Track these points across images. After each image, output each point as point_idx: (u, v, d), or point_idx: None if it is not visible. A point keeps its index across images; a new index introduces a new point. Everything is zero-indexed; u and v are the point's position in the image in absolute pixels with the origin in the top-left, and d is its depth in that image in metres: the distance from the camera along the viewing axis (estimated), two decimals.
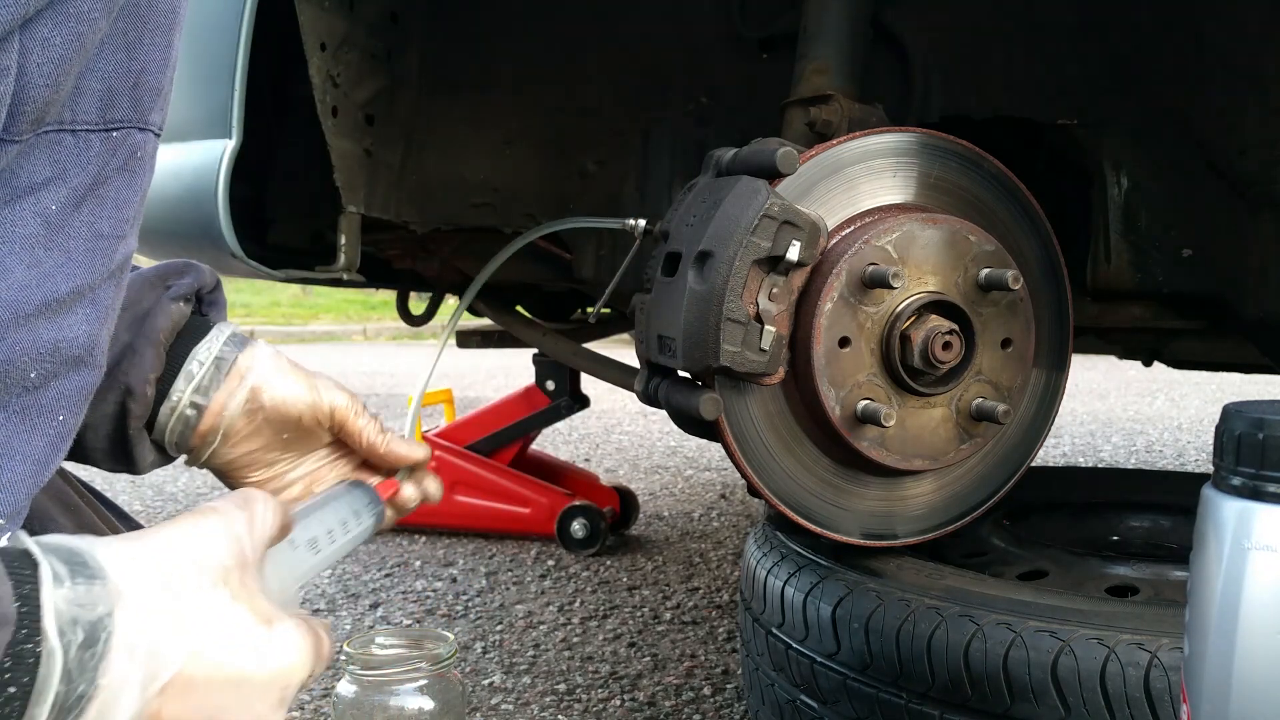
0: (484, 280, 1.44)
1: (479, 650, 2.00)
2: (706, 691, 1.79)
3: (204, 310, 0.86)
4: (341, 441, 0.90)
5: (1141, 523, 1.54)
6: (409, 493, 0.92)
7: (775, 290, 1.02)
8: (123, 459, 0.81)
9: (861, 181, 1.09)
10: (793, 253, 1.00)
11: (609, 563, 2.63)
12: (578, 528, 2.68)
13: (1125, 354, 1.95)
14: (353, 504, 0.86)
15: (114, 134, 0.60)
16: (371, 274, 2.01)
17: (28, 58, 0.53)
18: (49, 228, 0.58)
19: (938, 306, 1.06)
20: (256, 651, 0.60)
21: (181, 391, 0.80)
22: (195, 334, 0.83)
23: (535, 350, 2.60)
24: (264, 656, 0.61)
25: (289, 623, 0.63)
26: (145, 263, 0.85)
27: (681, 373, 1.09)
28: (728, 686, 1.81)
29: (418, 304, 2.45)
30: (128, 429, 0.79)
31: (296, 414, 0.84)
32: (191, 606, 0.58)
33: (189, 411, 0.81)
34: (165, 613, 0.56)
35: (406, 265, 2.00)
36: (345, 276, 1.46)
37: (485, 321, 2.44)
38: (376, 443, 0.89)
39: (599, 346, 2.18)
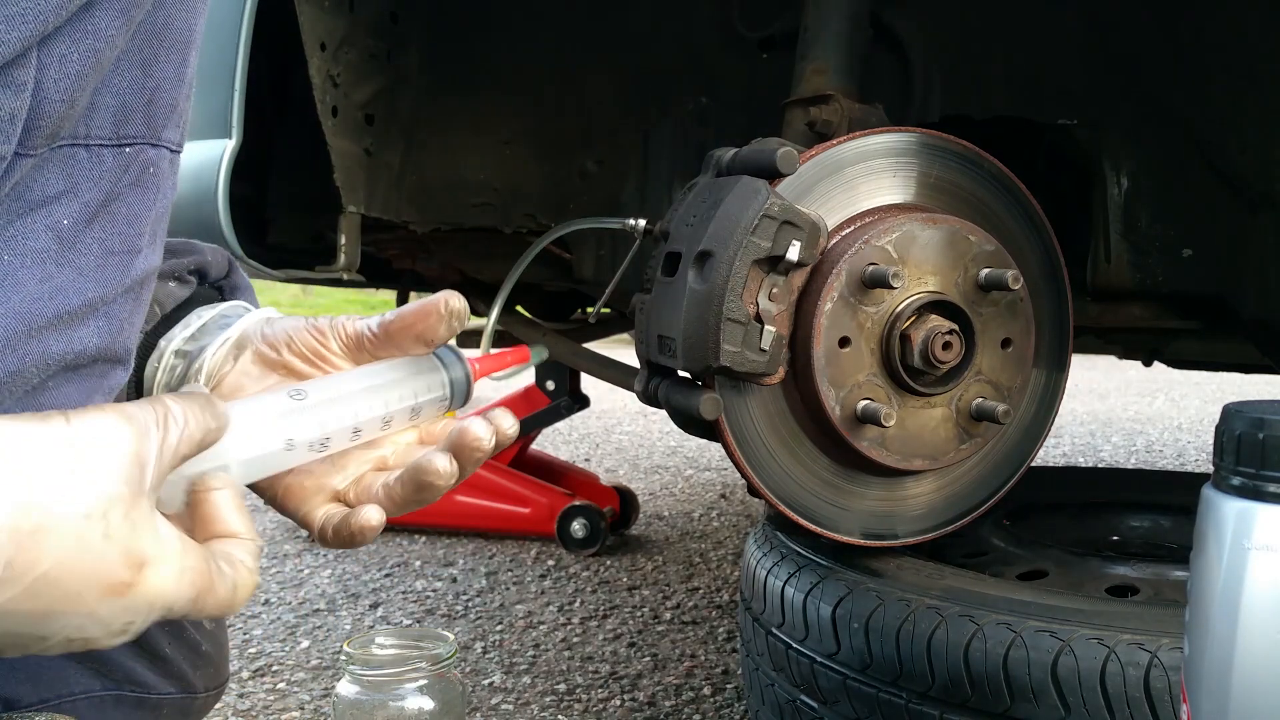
0: (507, 292, 1.44)
1: (479, 650, 2.00)
2: (706, 691, 1.79)
3: (226, 296, 0.84)
4: None
5: (1141, 523, 1.54)
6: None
7: (775, 290, 1.02)
8: None
9: (861, 181, 1.09)
10: (793, 253, 1.00)
11: (609, 563, 2.63)
12: (578, 528, 2.68)
13: (1125, 354, 1.95)
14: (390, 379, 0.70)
15: (127, 149, 0.60)
16: (371, 274, 2.01)
17: (45, 73, 0.53)
18: (60, 242, 0.58)
19: (938, 306, 1.06)
20: (110, 592, 0.53)
21: (167, 343, 0.75)
22: (197, 304, 0.79)
23: None
24: (116, 594, 0.53)
25: (166, 567, 0.55)
26: None
27: (681, 373, 1.08)
28: (728, 686, 1.81)
29: None
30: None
31: (284, 339, 0.74)
32: (51, 529, 0.50)
33: (174, 361, 0.76)
34: (14, 524, 0.49)
35: (406, 265, 2.00)
36: (345, 276, 1.46)
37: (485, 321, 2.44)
38: (383, 323, 0.73)
39: (599, 346, 2.18)
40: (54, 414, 0.53)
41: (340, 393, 0.70)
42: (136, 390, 0.77)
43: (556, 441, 4.40)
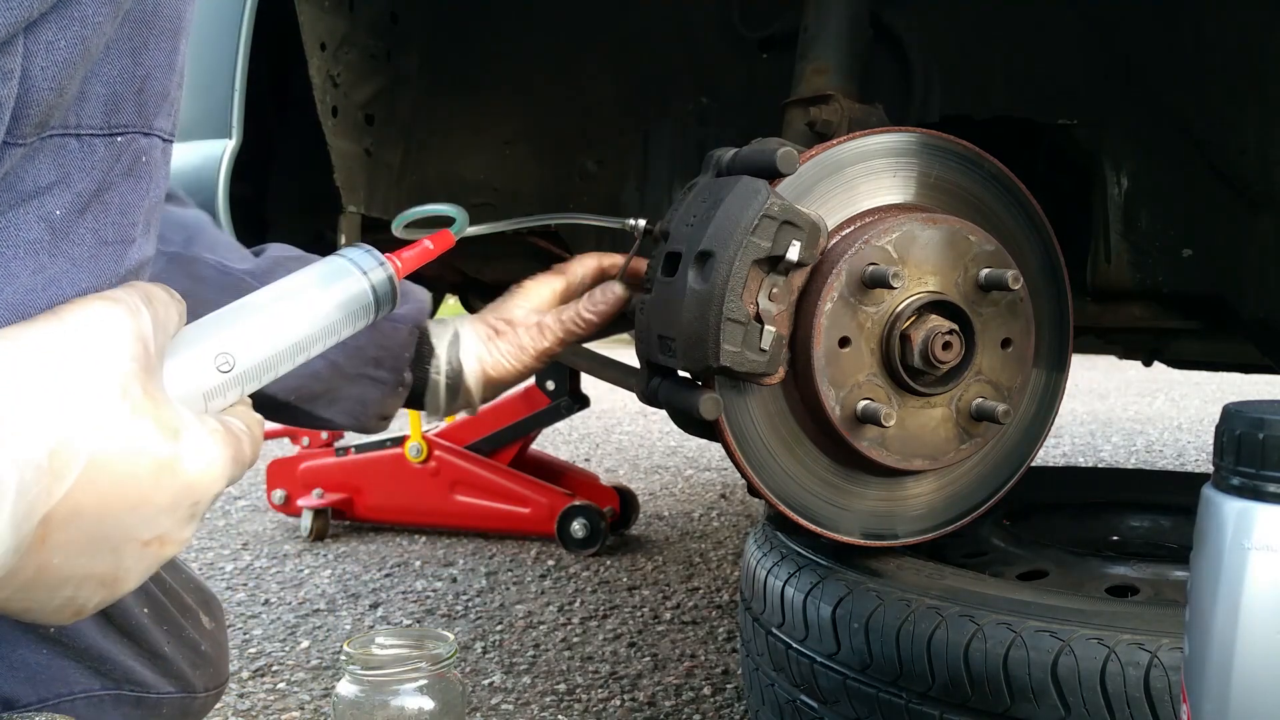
0: (478, 232, 1.42)
1: (479, 650, 2.00)
2: (706, 691, 1.79)
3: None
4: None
5: (1141, 523, 1.54)
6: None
7: (775, 290, 1.02)
8: None
9: (861, 181, 1.09)
10: (793, 253, 1.00)
11: (609, 563, 2.63)
12: (578, 528, 2.68)
13: (1125, 354, 1.95)
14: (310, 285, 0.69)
15: (118, 139, 0.60)
16: None
17: (32, 61, 0.53)
18: (53, 233, 0.57)
19: (938, 306, 1.06)
20: (160, 470, 0.56)
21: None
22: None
23: None
24: (168, 473, 0.56)
25: (199, 431, 0.58)
26: None
27: (681, 373, 1.08)
28: (728, 686, 1.81)
29: None
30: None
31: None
32: (79, 422, 0.52)
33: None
34: (43, 431, 0.51)
35: None
36: None
37: None
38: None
39: (599, 346, 2.17)
40: (42, 315, 0.55)
41: (264, 356, 0.67)
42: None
43: (556, 441, 4.40)
